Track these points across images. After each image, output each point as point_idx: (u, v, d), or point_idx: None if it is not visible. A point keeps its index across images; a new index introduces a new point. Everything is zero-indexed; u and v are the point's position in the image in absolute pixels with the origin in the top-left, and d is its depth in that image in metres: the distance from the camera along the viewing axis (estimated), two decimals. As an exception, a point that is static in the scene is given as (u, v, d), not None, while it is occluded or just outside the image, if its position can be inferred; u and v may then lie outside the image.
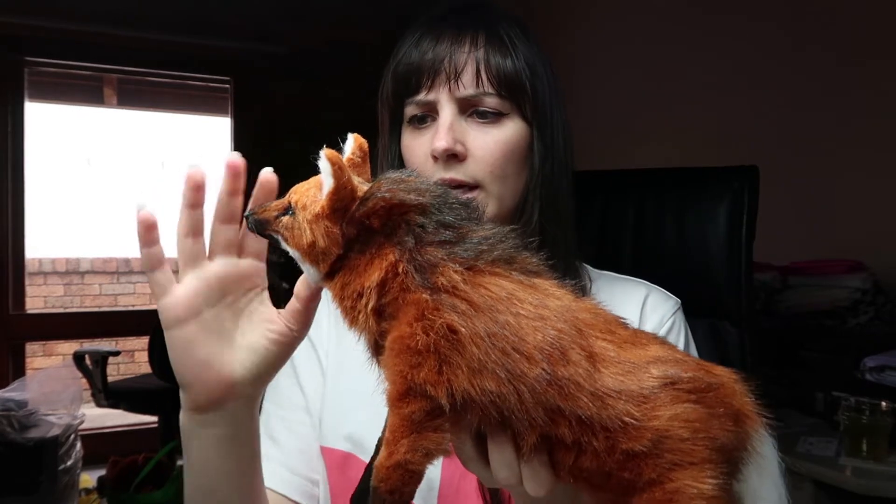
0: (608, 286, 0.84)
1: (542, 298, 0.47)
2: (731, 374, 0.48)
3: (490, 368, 0.44)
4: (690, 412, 0.44)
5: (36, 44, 3.50)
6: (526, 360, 0.44)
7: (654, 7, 3.01)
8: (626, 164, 1.32)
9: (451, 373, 0.44)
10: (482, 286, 0.46)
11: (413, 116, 0.76)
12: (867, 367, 1.80)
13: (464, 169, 0.73)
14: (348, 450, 0.77)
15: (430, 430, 0.46)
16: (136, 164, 5.39)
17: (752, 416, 0.47)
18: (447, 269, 0.46)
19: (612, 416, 0.44)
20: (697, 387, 0.45)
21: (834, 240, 2.28)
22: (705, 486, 0.43)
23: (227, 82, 3.93)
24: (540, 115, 0.76)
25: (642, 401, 0.44)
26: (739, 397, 0.47)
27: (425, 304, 0.45)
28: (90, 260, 5.07)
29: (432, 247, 0.47)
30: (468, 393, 0.44)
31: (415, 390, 0.45)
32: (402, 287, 0.47)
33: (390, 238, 0.48)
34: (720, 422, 0.45)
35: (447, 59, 0.72)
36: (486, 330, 0.44)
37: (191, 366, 0.56)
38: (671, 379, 0.45)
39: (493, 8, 0.78)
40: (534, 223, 0.76)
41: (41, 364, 4.60)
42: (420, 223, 0.48)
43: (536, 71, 0.75)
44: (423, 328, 0.45)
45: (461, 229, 0.49)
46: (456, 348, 0.44)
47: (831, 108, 2.33)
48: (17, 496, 2.10)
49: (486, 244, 0.48)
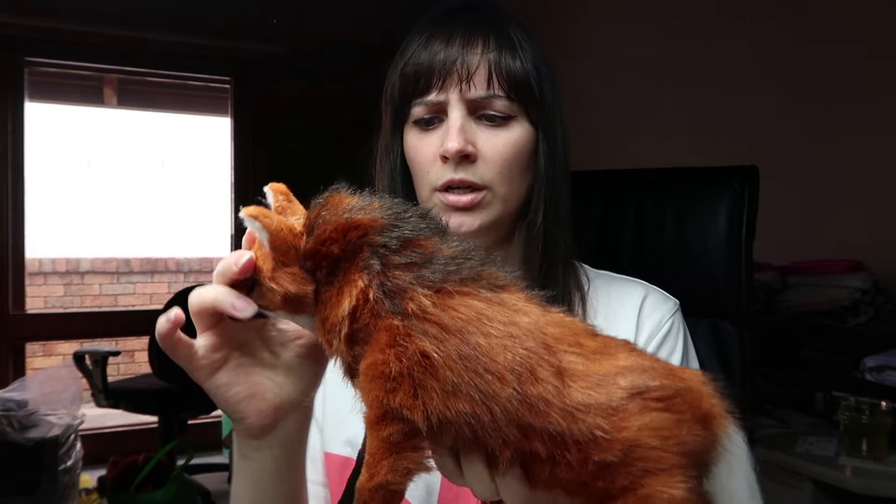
0: (606, 286, 0.84)
1: (510, 315, 0.47)
2: (699, 377, 0.49)
3: (464, 390, 0.44)
4: (659, 420, 0.45)
5: (36, 44, 3.50)
6: (498, 380, 0.44)
7: (655, 7, 3.01)
8: (626, 164, 1.32)
9: (426, 396, 0.45)
10: (452, 308, 0.46)
11: (420, 117, 0.75)
12: (867, 367, 1.80)
13: (473, 170, 0.73)
14: (348, 454, 0.78)
15: (409, 449, 0.47)
16: (136, 165, 5.39)
17: (719, 417, 0.48)
18: (416, 294, 0.46)
19: (583, 429, 0.45)
20: (665, 394, 0.46)
21: (834, 240, 2.28)
22: (676, 490, 0.44)
23: (227, 82, 3.93)
24: (545, 117, 0.76)
25: (611, 413, 0.45)
26: (707, 400, 0.48)
27: (397, 330, 0.46)
28: (90, 260, 5.07)
29: (399, 270, 0.47)
30: (443, 414, 0.45)
31: (391, 414, 0.46)
32: (373, 313, 0.47)
33: (355, 262, 0.48)
34: (688, 427, 0.46)
35: (459, 61, 0.72)
36: (459, 352, 0.45)
37: (236, 403, 0.57)
38: (639, 389, 0.46)
39: (499, 8, 0.78)
40: (538, 225, 0.76)
41: (41, 364, 4.61)
42: (381, 243, 0.48)
43: (542, 73, 0.76)
44: (396, 354, 0.45)
45: (425, 248, 0.49)
46: (430, 372, 0.45)
47: (832, 107, 2.33)
48: (17, 496, 2.10)
49: (453, 264, 0.48)
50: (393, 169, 0.80)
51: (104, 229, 5.27)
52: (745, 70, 2.61)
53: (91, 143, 5.25)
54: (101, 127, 5.13)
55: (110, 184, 5.31)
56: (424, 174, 0.75)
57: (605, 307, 0.81)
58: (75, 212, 5.22)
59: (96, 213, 5.28)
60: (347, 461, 0.77)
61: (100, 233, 5.26)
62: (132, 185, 5.37)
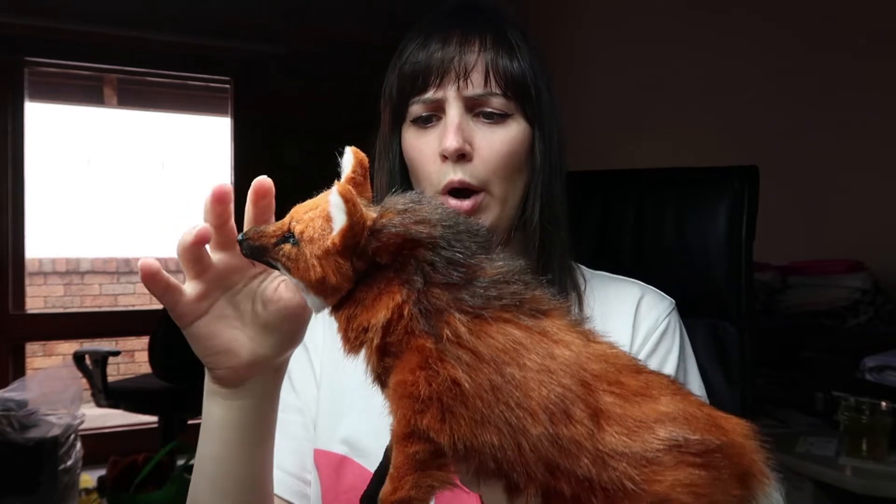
0: (602, 286, 0.85)
1: (549, 348, 0.45)
2: (743, 429, 0.47)
3: (493, 422, 0.44)
4: (695, 478, 0.43)
5: (36, 44, 3.50)
6: (530, 416, 0.43)
7: (655, 6, 3.01)
8: (626, 164, 1.32)
9: (454, 422, 0.44)
10: (488, 335, 0.45)
11: (418, 116, 0.76)
12: (867, 367, 1.80)
13: (471, 169, 0.73)
14: (344, 453, 0.77)
15: (434, 468, 0.46)
16: (136, 164, 5.39)
17: (759, 475, 0.46)
18: (452, 319, 0.45)
19: (613, 477, 0.43)
20: (705, 449, 0.44)
21: (834, 240, 2.28)
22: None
23: (227, 82, 3.93)
24: (541, 116, 0.77)
25: (644, 464, 0.43)
26: (749, 455, 0.46)
27: (429, 352, 0.45)
28: (90, 260, 5.07)
29: (439, 289, 0.46)
30: (470, 442, 0.44)
31: (418, 434, 0.45)
32: (407, 330, 0.46)
33: (399, 274, 0.47)
34: (725, 486, 0.44)
35: (457, 59, 0.73)
36: (491, 383, 0.44)
37: (211, 354, 0.59)
38: (677, 442, 0.44)
39: (496, 10, 0.79)
40: (534, 224, 0.77)
41: (41, 364, 4.60)
42: (429, 260, 0.47)
43: (538, 73, 0.76)
44: (427, 378, 0.45)
45: (470, 268, 0.47)
46: (459, 400, 0.44)
47: (831, 107, 2.33)
48: (17, 496, 2.10)
49: (494, 290, 0.47)
50: (392, 168, 0.80)
51: (104, 229, 5.27)
52: (745, 70, 2.61)
53: (91, 143, 5.25)
54: (101, 127, 5.13)
55: (110, 184, 5.31)
56: (424, 173, 0.76)
57: (602, 307, 0.82)
58: (75, 212, 5.21)
59: (96, 213, 5.27)
60: (344, 459, 0.77)
61: (100, 233, 5.25)
62: (132, 185, 5.37)
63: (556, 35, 3.30)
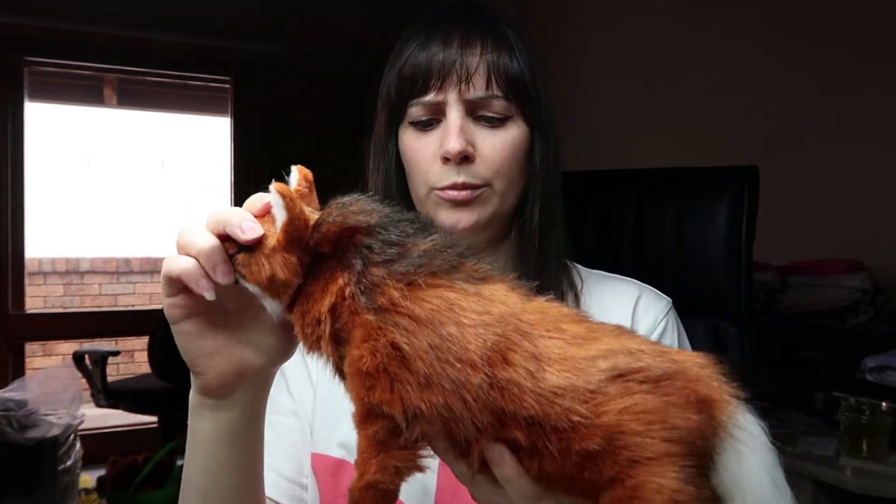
0: (599, 285, 0.85)
1: (485, 305, 0.46)
2: (696, 359, 0.46)
3: (437, 381, 0.44)
4: (643, 404, 0.43)
5: (36, 44, 3.50)
6: (469, 367, 0.44)
7: (654, 7, 3.01)
8: (626, 164, 1.32)
9: (402, 389, 0.45)
10: (423, 300, 0.46)
11: (417, 120, 0.75)
12: (867, 367, 1.80)
13: (473, 170, 0.73)
14: (342, 457, 0.77)
15: (395, 447, 0.46)
16: (136, 164, 5.39)
17: (722, 401, 0.44)
18: (387, 288, 0.47)
19: (560, 414, 0.43)
20: (651, 376, 0.43)
21: (834, 240, 2.28)
22: (666, 480, 0.42)
23: (227, 82, 3.93)
24: (540, 117, 0.77)
25: (589, 396, 0.43)
26: (705, 383, 0.44)
27: (370, 325, 0.46)
28: (90, 260, 5.07)
29: (376, 267, 0.48)
30: (419, 407, 0.45)
31: (373, 411, 0.46)
32: (351, 310, 0.47)
33: (341, 261, 0.49)
34: (679, 411, 0.43)
35: (458, 62, 0.73)
36: (430, 343, 0.45)
37: (199, 355, 0.57)
38: (620, 371, 0.44)
39: (494, 10, 0.79)
40: (534, 222, 0.77)
41: (41, 364, 4.60)
42: (367, 244, 0.48)
43: (536, 74, 0.77)
44: (371, 349, 0.45)
45: (404, 245, 0.49)
46: (403, 364, 0.45)
47: (831, 108, 2.33)
48: (17, 496, 2.10)
49: (425, 257, 0.48)
50: (388, 168, 0.80)
51: (104, 229, 5.27)
52: (745, 70, 2.61)
53: (91, 143, 5.24)
54: (101, 127, 5.13)
55: (110, 184, 5.31)
56: (423, 174, 0.76)
57: (599, 306, 0.81)
58: (75, 212, 5.21)
59: (96, 213, 5.27)
60: (342, 463, 0.77)
61: (100, 233, 5.25)
62: (132, 185, 5.37)
63: (556, 35, 3.30)
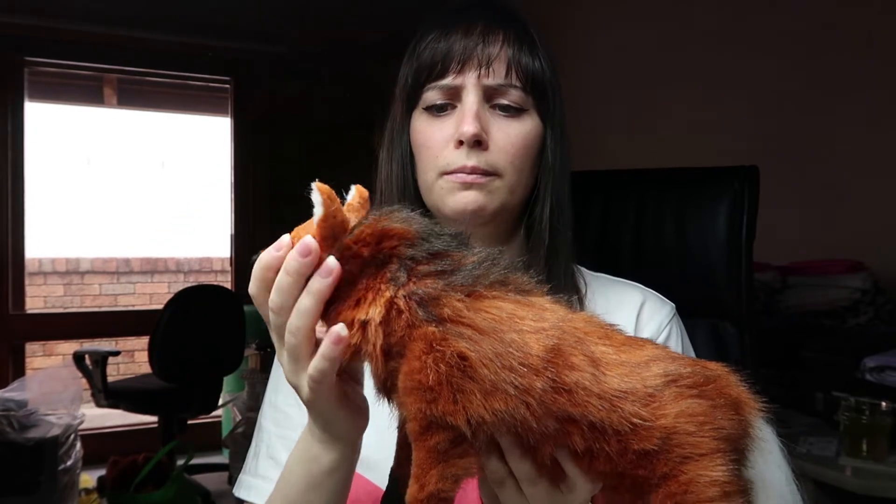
0: (603, 289, 0.84)
1: (539, 313, 0.48)
2: (723, 367, 0.51)
3: (501, 388, 0.45)
4: (695, 407, 0.46)
5: (36, 44, 3.50)
6: (533, 373, 0.45)
7: (655, 7, 3.01)
8: (626, 164, 1.32)
9: (466, 399, 0.45)
10: (484, 310, 0.47)
11: (432, 104, 0.75)
12: (867, 367, 1.80)
13: (485, 157, 0.73)
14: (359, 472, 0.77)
15: (456, 456, 0.47)
16: (136, 164, 5.39)
17: (749, 404, 0.49)
18: (450, 299, 0.47)
19: (622, 418, 0.45)
20: (697, 381, 0.47)
21: (834, 240, 2.28)
22: (717, 473, 0.45)
23: (227, 82, 3.93)
24: (554, 116, 0.78)
25: (649, 400, 0.46)
26: (735, 387, 0.49)
27: (433, 335, 0.46)
28: (90, 260, 5.07)
29: (430, 279, 0.48)
30: (483, 416, 0.45)
31: (435, 423, 0.46)
32: (408, 324, 0.47)
33: (382, 272, 0.49)
34: (723, 412, 0.47)
35: (480, 48, 0.73)
36: (494, 350, 0.45)
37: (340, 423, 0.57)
38: (672, 376, 0.47)
39: (514, 7, 0.80)
40: (545, 221, 0.77)
41: (41, 364, 4.60)
42: (409, 255, 0.49)
43: (553, 73, 0.78)
44: (434, 359, 0.46)
45: (454, 256, 0.50)
46: (468, 374, 0.45)
47: (831, 108, 2.33)
48: (17, 496, 2.10)
49: (480, 269, 0.49)
50: (403, 155, 0.79)
51: (104, 229, 5.27)
52: (745, 70, 2.61)
53: (91, 143, 5.25)
54: (101, 127, 5.13)
55: (110, 184, 5.31)
56: (433, 158, 0.75)
57: (603, 310, 0.81)
58: (75, 212, 5.22)
59: (96, 213, 5.27)
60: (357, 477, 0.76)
61: (100, 233, 5.25)
62: (132, 185, 5.37)
63: (556, 35, 3.30)
